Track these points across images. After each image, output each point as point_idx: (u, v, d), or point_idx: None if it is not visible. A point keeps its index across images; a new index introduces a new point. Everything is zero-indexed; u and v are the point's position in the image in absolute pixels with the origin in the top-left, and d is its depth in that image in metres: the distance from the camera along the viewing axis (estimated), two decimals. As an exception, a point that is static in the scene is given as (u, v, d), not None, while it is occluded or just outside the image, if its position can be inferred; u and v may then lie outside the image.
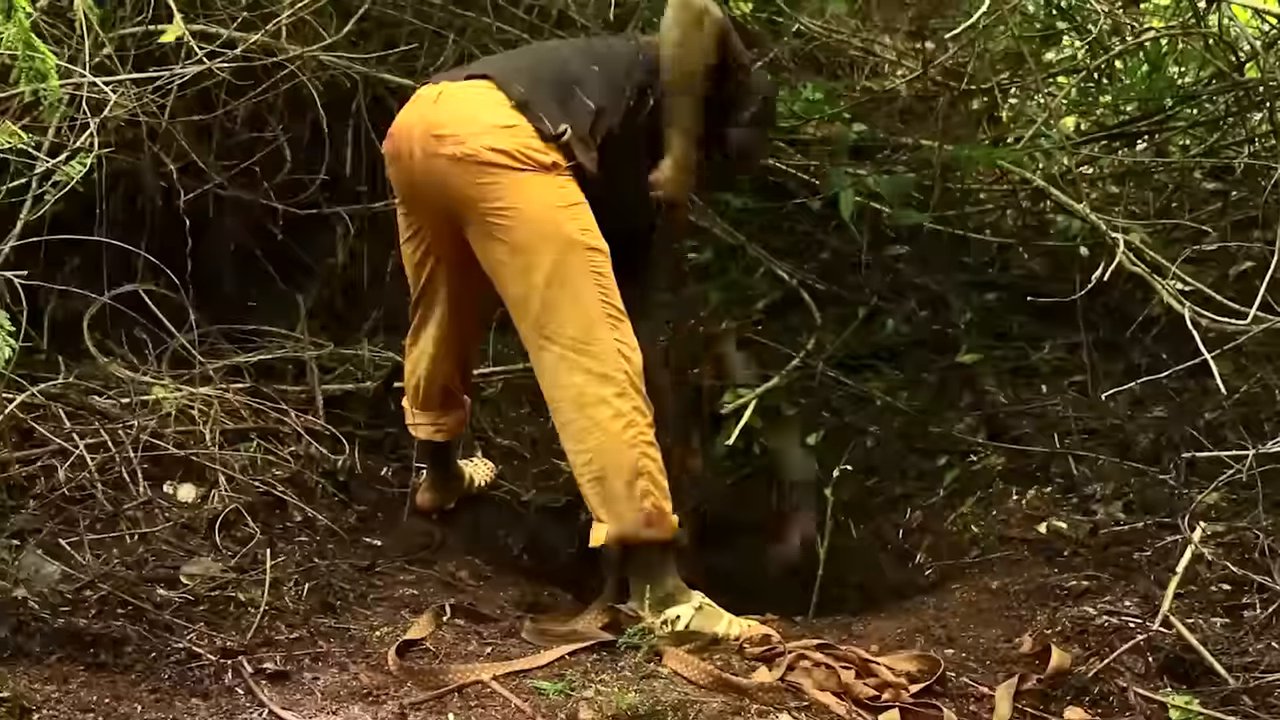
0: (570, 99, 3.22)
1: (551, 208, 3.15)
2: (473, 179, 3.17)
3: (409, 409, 3.73)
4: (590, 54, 3.40)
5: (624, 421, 3.14)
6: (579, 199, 3.18)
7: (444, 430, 3.72)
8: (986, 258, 5.34)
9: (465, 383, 3.77)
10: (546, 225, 3.15)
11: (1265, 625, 3.05)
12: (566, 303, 3.14)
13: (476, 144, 3.15)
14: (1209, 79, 5.15)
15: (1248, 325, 3.30)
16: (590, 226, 3.18)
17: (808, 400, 4.80)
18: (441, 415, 3.69)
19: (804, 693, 2.74)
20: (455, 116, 3.21)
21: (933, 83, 5.28)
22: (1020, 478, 4.09)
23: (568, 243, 3.14)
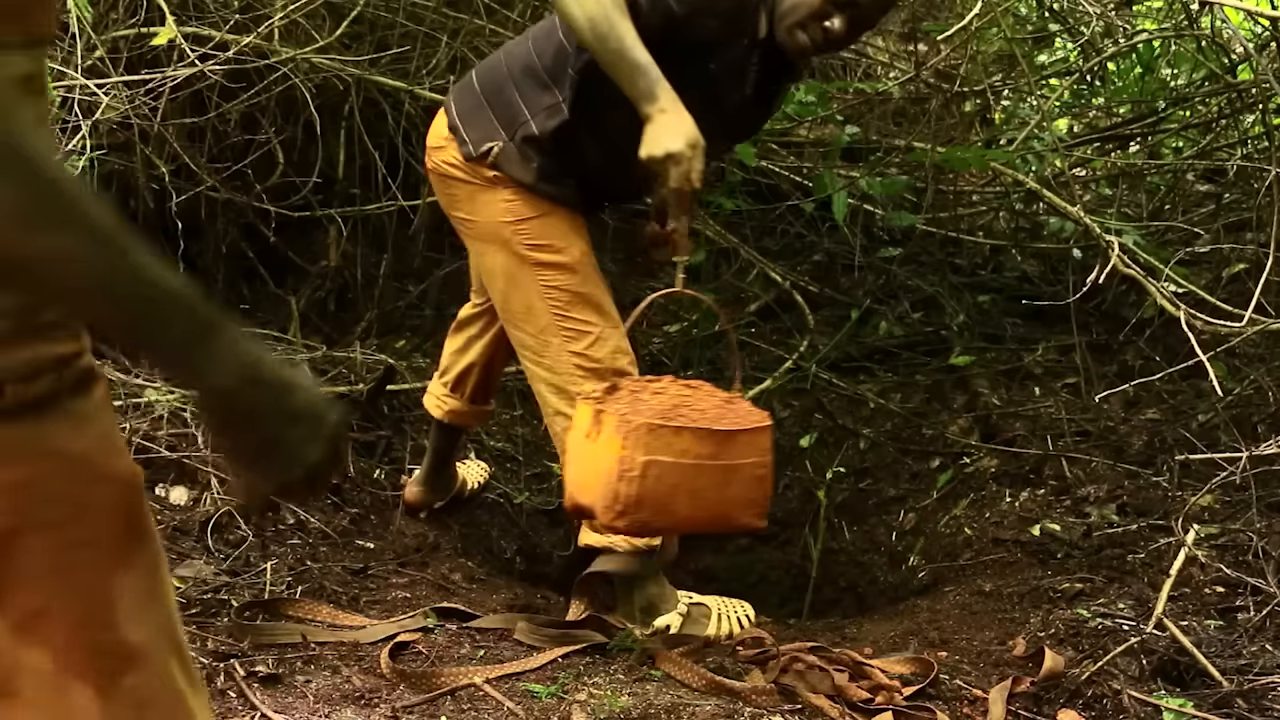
0: (509, 107, 3.14)
1: (496, 223, 3.16)
2: (441, 190, 3.28)
3: (437, 384, 3.71)
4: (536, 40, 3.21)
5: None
6: (529, 213, 3.12)
7: (463, 418, 3.71)
8: (979, 260, 5.34)
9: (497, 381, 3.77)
10: (494, 241, 3.17)
11: (1259, 628, 3.05)
12: (520, 315, 3.18)
13: (435, 159, 3.23)
14: (1201, 81, 5.17)
15: (1242, 327, 3.31)
16: (545, 240, 3.13)
17: (801, 402, 4.80)
18: (469, 404, 3.68)
19: (797, 695, 2.74)
20: (431, 130, 3.29)
21: (925, 85, 5.29)
22: (1013, 480, 4.09)
23: (515, 259, 3.14)
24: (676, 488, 2.65)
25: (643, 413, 2.66)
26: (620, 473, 2.63)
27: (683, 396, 2.78)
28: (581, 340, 3.13)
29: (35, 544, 1.24)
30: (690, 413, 2.71)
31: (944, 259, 5.20)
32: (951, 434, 4.48)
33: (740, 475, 2.73)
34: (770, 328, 5.07)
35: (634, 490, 2.63)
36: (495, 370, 3.67)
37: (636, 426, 2.62)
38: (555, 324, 3.12)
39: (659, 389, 2.80)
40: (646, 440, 2.62)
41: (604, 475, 2.66)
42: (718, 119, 3.14)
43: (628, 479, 2.63)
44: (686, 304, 5.08)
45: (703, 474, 2.67)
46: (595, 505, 2.69)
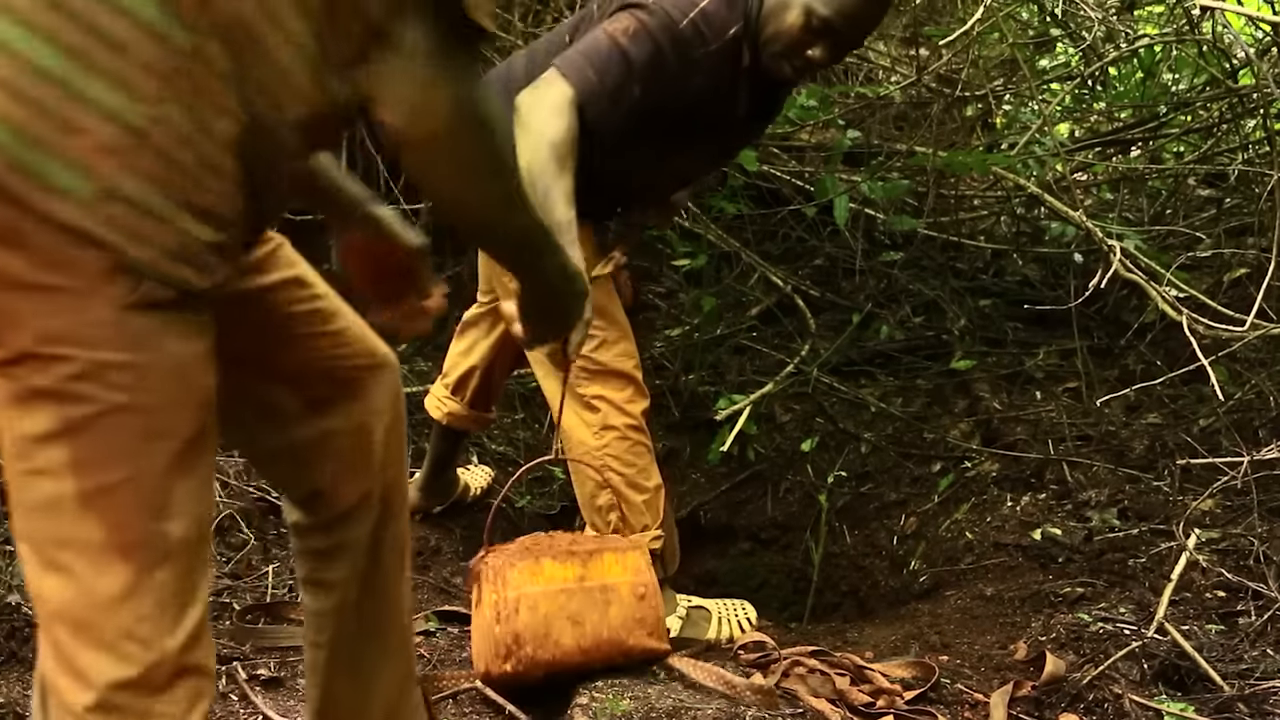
0: None
1: None
2: None
3: (439, 386, 3.71)
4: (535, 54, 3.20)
5: (591, 432, 3.16)
6: None
7: (463, 421, 3.70)
8: (981, 264, 5.34)
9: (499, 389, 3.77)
10: None
11: (1260, 632, 3.05)
12: None
13: None
14: (1203, 86, 5.17)
15: (1243, 332, 3.31)
16: None
17: (802, 406, 4.80)
18: (469, 409, 3.68)
19: (799, 699, 2.74)
20: None
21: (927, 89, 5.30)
22: (1015, 484, 4.09)
23: None
24: (552, 616, 2.68)
25: (508, 558, 2.73)
26: (496, 616, 2.67)
27: (553, 540, 2.84)
28: (587, 344, 3.14)
29: (129, 423, 1.43)
30: (553, 546, 2.78)
31: (945, 263, 5.20)
32: (953, 438, 4.48)
33: (619, 595, 2.74)
34: (771, 332, 5.07)
35: (511, 628, 2.66)
36: (497, 376, 3.67)
37: (499, 569, 2.69)
38: None
39: (534, 541, 2.85)
40: (510, 577, 2.68)
41: (487, 631, 2.70)
42: (715, 144, 3.19)
43: (503, 620, 2.67)
44: (688, 307, 5.09)
45: (575, 598, 2.70)
46: (487, 663, 2.69)
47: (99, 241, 1.37)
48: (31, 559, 1.48)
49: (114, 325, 1.40)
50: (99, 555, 1.44)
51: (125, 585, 1.45)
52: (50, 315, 1.39)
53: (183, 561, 1.49)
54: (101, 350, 1.40)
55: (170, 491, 1.47)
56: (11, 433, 1.45)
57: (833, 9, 2.90)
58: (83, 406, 1.41)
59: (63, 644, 1.47)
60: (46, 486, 1.43)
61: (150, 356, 1.43)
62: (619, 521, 3.15)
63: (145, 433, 1.44)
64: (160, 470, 1.46)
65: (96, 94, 1.37)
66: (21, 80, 1.35)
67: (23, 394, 1.42)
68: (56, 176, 1.36)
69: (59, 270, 1.38)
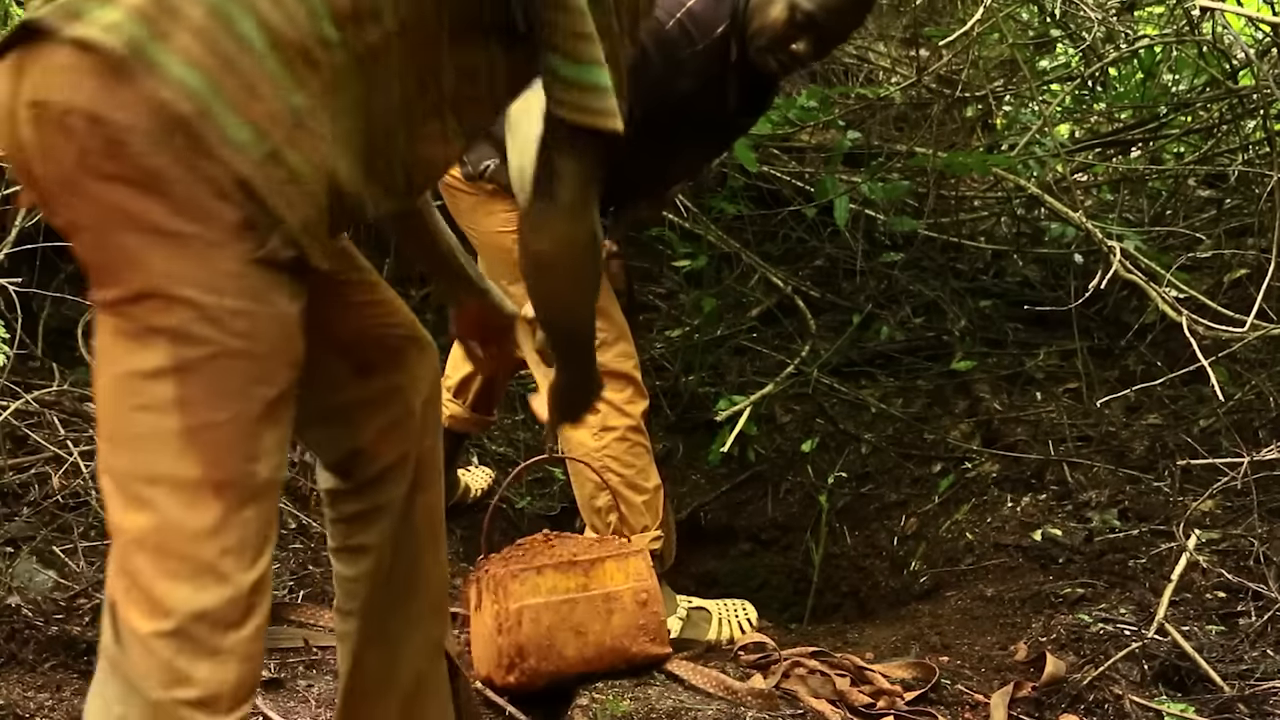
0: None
1: (495, 233, 3.18)
2: (448, 200, 3.28)
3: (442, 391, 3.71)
4: None
5: (590, 433, 3.16)
6: None
7: (464, 424, 3.70)
8: (981, 265, 5.34)
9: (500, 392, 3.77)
10: (498, 250, 3.19)
11: (1260, 633, 3.05)
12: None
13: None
14: (1203, 86, 5.17)
15: (1243, 332, 3.31)
16: None
17: (802, 407, 4.81)
18: (470, 412, 3.68)
19: (799, 700, 2.74)
20: None
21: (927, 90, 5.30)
22: (1015, 485, 4.09)
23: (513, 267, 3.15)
24: (554, 628, 2.69)
25: (509, 567, 2.73)
26: (498, 627, 2.67)
27: (550, 546, 2.84)
28: None
29: (238, 368, 1.54)
30: (555, 555, 2.79)
31: (945, 264, 5.20)
32: (953, 439, 4.48)
33: (622, 603, 2.75)
34: (772, 333, 5.07)
35: (514, 640, 2.67)
36: (500, 379, 3.67)
37: (500, 578, 2.69)
38: None
39: (527, 547, 2.85)
40: (512, 589, 2.68)
41: (488, 638, 2.70)
42: (704, 139, 3.27)
43: (505, 631, 2.67)
44: (688, 308, 5.09)
45: (579, 608, 2.71)
46: (488, 670, 2.71)
47: (260, 198, 1.50)
48: (116, 494, 1.55)
49: (238, 276, 1.50)
50: (193, 491, 1.52)
51: (215, 520, 1.53)
52: (179, 260, 1.48)
53: (266, 503, 1.59)
54: (226, 297, 1.50)
55: (262, 437, 1.56)
56: (118, 368, 1.54)
57: (816, 3, 2.90)
58: (199, 348, 1.50)
59: (141, 574, 1.53)
60: (149, 421, 1.52)
61: (265, 309, 1.54)
62: (618, 522, 3.16)
63: (251, 378, 1.54)
64: (257, 415, 1.55)
65: (274, 69, 1.51)
66: (220, 38, 1.48)
67: (137, 332, 1.51)
68: (235, 131, 1.48)
69: (196, 220, 1.48)
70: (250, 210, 1.49)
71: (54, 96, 1.46)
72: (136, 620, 1.53)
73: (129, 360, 1.53)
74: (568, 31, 1.73)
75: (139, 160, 1.46)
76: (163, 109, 1.45)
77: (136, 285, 1.50)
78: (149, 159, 1.46)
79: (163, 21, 1.47)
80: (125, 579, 1.55)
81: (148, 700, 1.53)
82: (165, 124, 1.45)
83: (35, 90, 1.48)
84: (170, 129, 1.45)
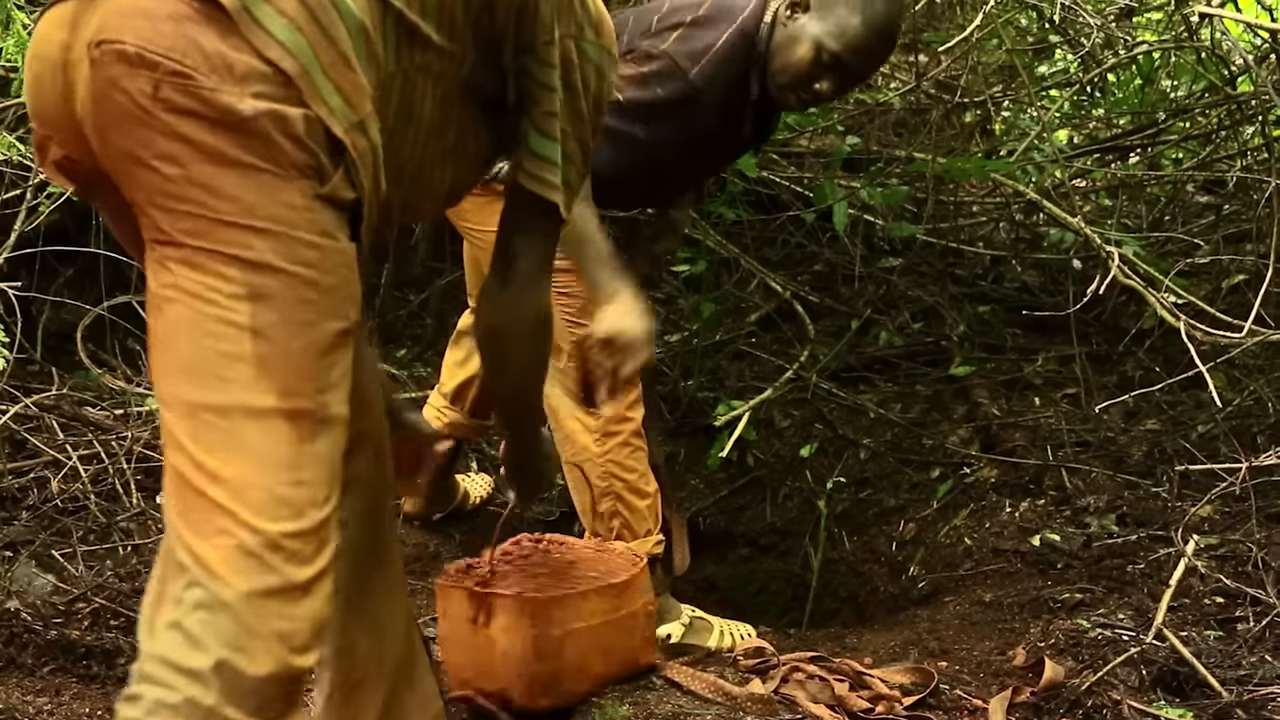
0: None
1: None
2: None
3: (437, 397, 3.70)
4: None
5: (593, 438, 3.16)
6: None
7: (463, 430, 3.70)
8: (979, 270, 5.34)
9: None
10: None
11: (1259, 638, 3.05)
12: None
13: None
14: (1201, 92, 5.17)
15: (1241, 338, 3.31)
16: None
17: (801, 412, 4.81)
18: (469, 418, 3.67)
19: (798, 705, 2.74)
20: None
21: (926, 95, 5.30)
22: (1013, 490, 4.09)
23: None
24: (588, 650, 2.62)
25: (540, 586, 2.60)
26: (536, 653, 2.54)
27: (558, 557, 2.76)
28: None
29: (310, 298, 1.57)
30: (581, 572, 2.69)
31: (944, 269, 5.21)
32: (951, 444, 4.48)
33: (638, 619, 2.73)
34: (771, 337, 5.08)
35: (553, 666, 2.57)
36: None
37: (545, 603, 2.56)
38: (567, 329, 3.11)
39: (524, 554, 2.75)
40: (555, 615, 2.56)
41: (513, 660, 2.56)
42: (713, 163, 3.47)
43: (546, 658, 2.55)
44: (687, 313, 5.09)
45: (609, 629, 2.66)
46: (511, 690, 2.58)
47: (348, 160, 1.58)
48: (185, 424, 1.55)
49: (306, 209, 1.55)
50: (268, 419, 1.54)
51: (290, 451, 1.55)
52: (253, 191, 1.52)
53: (336, 438, 1.61)
54: (300, 230, 1.54)
55: (333, 369, 1.59)
56: (188, 298, 1.54)
57: (843, 44, 2.95)
58: (272, 276, 1.53)
59: (213, 504, 1.52)
60: (224, 348, 1.53)
61: (331, 244, 1.58)
62: (622, 528, 3.16)
63: (321, 309, 1.57)
64: (328, 345, 1.58)
65: (356, 51, 1.60)
66: (325, 11, 1.57)
67: (208, 261, 1.53)
68: (330, 97, 1.56)
69: (266, 158, 1.52)
70: (323, 161, 1.56)
71: (126, 35, 1.50)
72: (216, 543, 1.52)
73: (199, 289, 1.53)
74: (543, 109, 1.88)
75: (216, 97, 1.50)
76: (269, 63, 1.52)
77: (210, 214, 1.52)
78: (226, 97, 1.50)
79: None
80: (199, 510, 1.54)
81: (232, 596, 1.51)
82: (267, 75, 1.52)
83: (102, 30, 1.51)
84: (272, 80, 1.52)
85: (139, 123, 1.51)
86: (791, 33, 2.99)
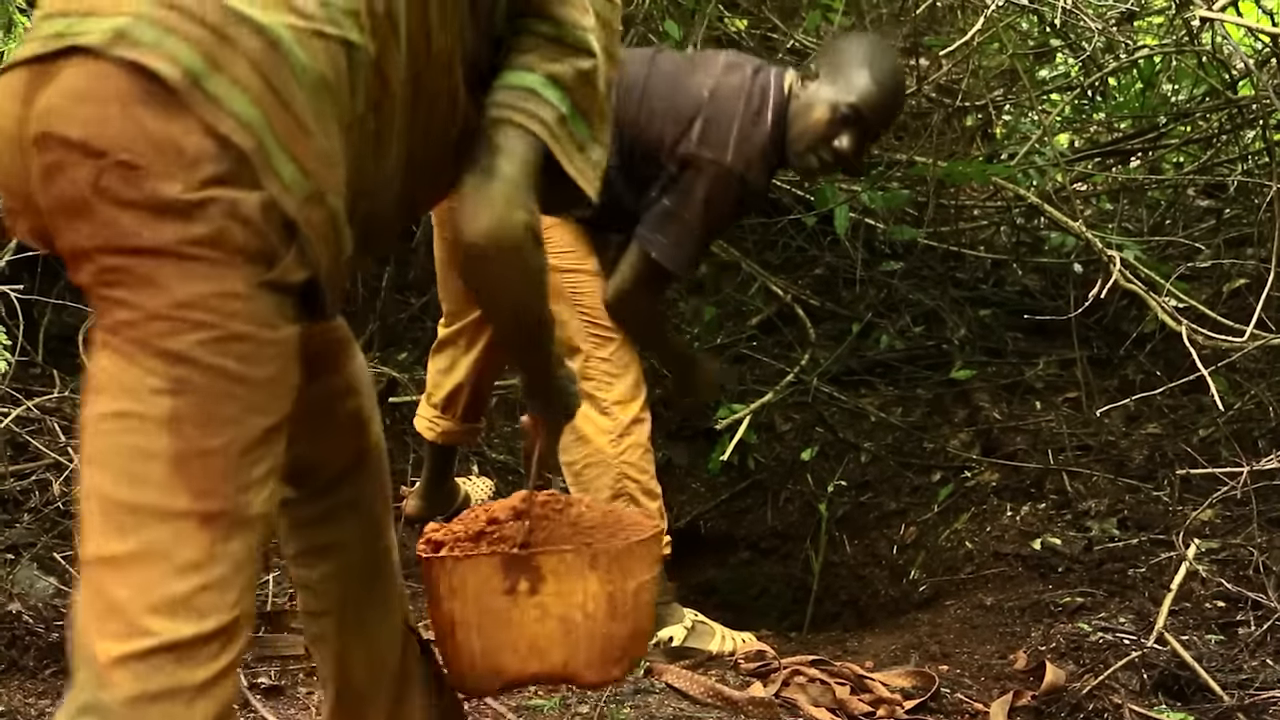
0: None
1: None
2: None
3: (426, 406, 3.71)
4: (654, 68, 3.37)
5: (608, 439, 3.18)
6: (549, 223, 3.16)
7: (456, 436, 3.70)
8: (980, 274, 5.35)
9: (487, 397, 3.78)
10: None
11: (1260, 642, 3.06)
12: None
13: None
14: (1202, 96, 5.17)
15: (1242, 342, 3.32)
16: (568, 249, 3.22)
17: (802, 416, 4.81)
18: (461, 424, 3.68)
19: (799, 708, 2.74)
20: None
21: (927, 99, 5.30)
22: (1014, 494, 4.09)
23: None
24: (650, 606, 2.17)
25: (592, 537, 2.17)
26: (611, 611, 2.07)
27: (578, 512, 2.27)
28: (608, 346, 3.23)
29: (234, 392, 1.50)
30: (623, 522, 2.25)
31: (945, 273, 5.21)
32: (952, 448, 4.48)
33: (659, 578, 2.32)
34: (771, 341, 5.08)
35: (629, 627, 2.10)
36: (485, 387, 3.66)
37: (617, 553, 2.09)
38: (584, 330, 3.17)
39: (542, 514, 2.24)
40: (630, 565, 2.11)
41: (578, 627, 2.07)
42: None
43: (622, 616, 2.08)
44: (688, 316, 5.09)
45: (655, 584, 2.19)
46: (574, 664, 2.08)
47: (300, 238, 1.51)
48: (98, 520, 1.50)
49: (246, 299, 1.48)
50: (180, 521, 1.48)
51: (201, 553, 1.48)
52: (188, 282, 1.46)
53: (255, 536, 1.55)
54: (232, 322, 1.48)
55: (255, 466, 1.53)
56: (111, 390, 1.50)
57: (858, 97, 3.12)
58: (197, 371, 1.47)
59: (119, 604, 1.48)
60: (139, 445, 1.48)
61: (268, 334, 1.51)
62: None
63: (248, 406, 1.51)
64: (251, 444, 1.52)
65: (321, 111, 1.52)
66: (278, 73, 1.49)
67: (136, 354, 1.48)
68: (283, 169, 1.48)
69: (211, 245, 1.45)
70: (273, 243, 1.49)
71: (72, 123, 1.45)
72: (110, 646, 1.47)
73: (124, 381, 1.49)
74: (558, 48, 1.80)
75: (159, 188, 1.44)
76: (221, 141, 1.45)
77: (144, 307, 1.47)
78: (171, 188, 1.44)
79: (221, 53, 1.46)
80: (100, 608, 1.49)
81: (114, 700, 1.46)
82: (219, 155, 1.45)
83: (49, 114, 1.46)
84: (224, 160, 1.45)
85: (80, 213, 1.46)
86: (805, 100, 3.16)
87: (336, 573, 2.01)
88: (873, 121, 3.19)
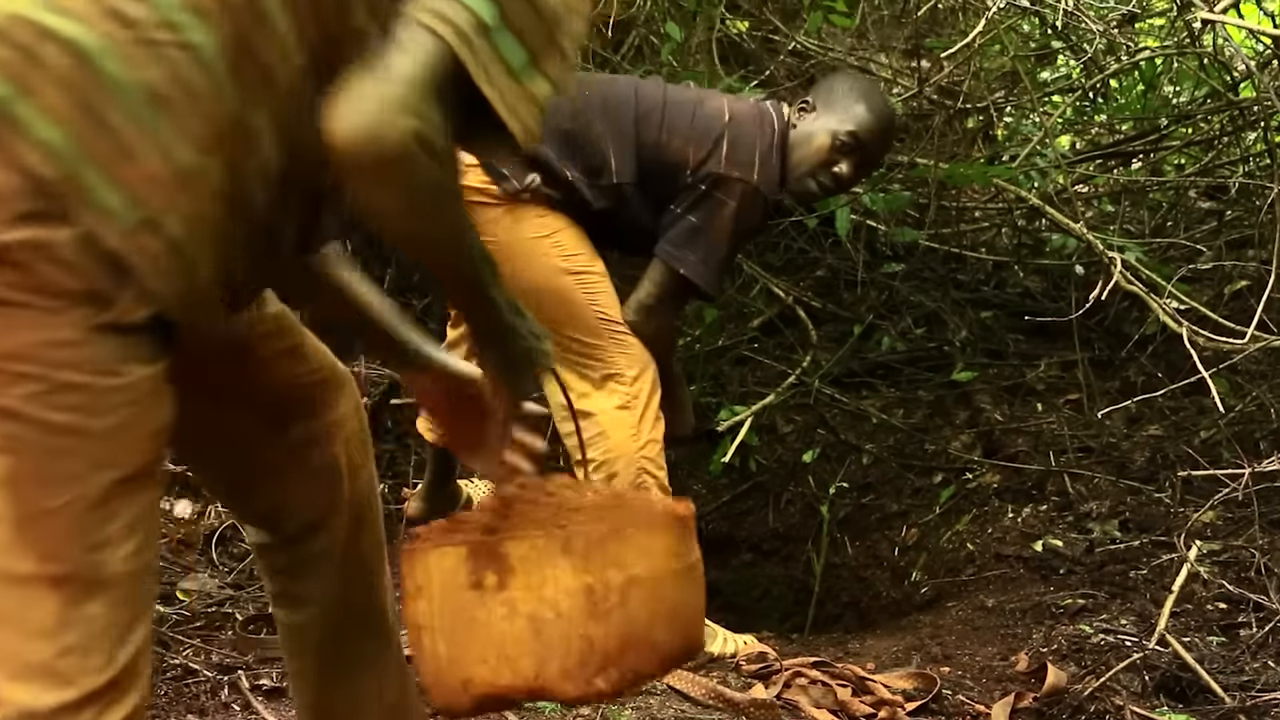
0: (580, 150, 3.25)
1: (529, 240, 3.20)
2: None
3: None
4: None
5: (629, 434, 3.18)
6: (560, 225, 3.22)
7: None
8: (982, 275, 5.35)
9: None
10: (530, 256, 3.19)
11: (1261, 644, 3.06)
12: (565, 324, 3.18)
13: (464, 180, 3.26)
14: (1204, 98, 5.17)
15: (1244, 344, 3.32)
16: (578, 251, 3.24)
17: (803, 417, 4.81)
18: None
19: (800, 710, 2.74)
20: None
21: (929, 101, 5.30)
22: (1016, 495, 4.09)
23: (554, 271, 3.19)
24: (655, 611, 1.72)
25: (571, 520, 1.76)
26: (590, 609, 1.67)
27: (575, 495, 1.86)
28: (627, 343, 3.25)
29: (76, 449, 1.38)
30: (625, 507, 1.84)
31: (946, 275, 5.21)
32: (954, 449, 4.48)
33: (698, 576, 1.83)
34: (773, 343, 5.08)
35: (613, 630, 1.68)
36: None
37: (596, 539, 1.69)
38: (603, 327, 3.21)
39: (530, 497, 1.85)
40: (614, 553, 1.69)
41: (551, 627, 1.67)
42: None
43: (602, 616, 1.67)
44: (690, 319, 5.09)
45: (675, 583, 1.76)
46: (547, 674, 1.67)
47: (127, 269, 1.36)
48: None
49: (77, 346, 1.36)
50: (26, 586, 1.38)
51: (53, 618, 1.38)
52: (12, 332, 1.34)
53: (119, 594, 1.42)
54: (62, 371, 1.35)
55: (107, 523, 1.40)
56: None
57: (856, 125, 3.28)
58: (28, 427, 1.35)
59: None
60: None
61: (107, 381, 1.38)
62: None
63: (90, 460, 1.39)
64: (98, 500, 1.39)
65: (159, 127, 1.36)
66: (93, 94, 1.34)
67: None
68: (105, 198, 1.34)
69: (33, 289, 1.33)
70: (102, 281, 1.35)
71: None
72: None
73: None
74: None
75: None
76: (27, 174, 1.31)
77: None
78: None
79: (29, 74, 1.32)
80: None
81: None
82: (26, 190, 1.32)
83: None
84: (32, 195, 1.32)
85: None
86: (804, 131, 3.31)
87: (313, 623, 1.92)
88: (870, 147, 3.34)
